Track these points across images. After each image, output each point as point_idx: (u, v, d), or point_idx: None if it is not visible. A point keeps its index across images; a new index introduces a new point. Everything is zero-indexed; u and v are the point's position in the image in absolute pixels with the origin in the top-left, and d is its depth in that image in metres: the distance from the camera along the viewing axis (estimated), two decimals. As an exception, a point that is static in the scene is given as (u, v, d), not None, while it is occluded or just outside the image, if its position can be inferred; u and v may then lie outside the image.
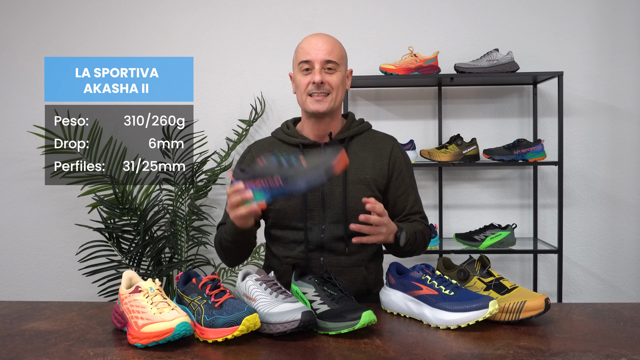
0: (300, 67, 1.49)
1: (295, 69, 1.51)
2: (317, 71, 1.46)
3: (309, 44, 1.49)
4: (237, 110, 2.79)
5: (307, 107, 1.48)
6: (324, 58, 1.46)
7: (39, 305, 1.40)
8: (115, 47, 2.82)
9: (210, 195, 2.77)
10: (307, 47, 1.49)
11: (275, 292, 1.19)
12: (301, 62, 1.48)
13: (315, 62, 1.46)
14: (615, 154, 2.71)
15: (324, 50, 1.47)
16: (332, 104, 1.48)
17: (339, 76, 1.49)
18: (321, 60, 1.46)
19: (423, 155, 2.55)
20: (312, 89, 1.47)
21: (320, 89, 1.46)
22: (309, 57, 1.47)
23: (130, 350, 1.06)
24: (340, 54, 1.50)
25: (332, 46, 1.48)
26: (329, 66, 1.47)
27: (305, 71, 1.48)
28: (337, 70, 1.48)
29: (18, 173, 2.82)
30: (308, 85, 1.47)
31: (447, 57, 2.70)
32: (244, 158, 1.59)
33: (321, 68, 1.46)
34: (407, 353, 1.03)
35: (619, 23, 2.70)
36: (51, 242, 2.83)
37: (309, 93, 1.48)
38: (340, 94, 1.50)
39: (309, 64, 1.47)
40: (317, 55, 1.46)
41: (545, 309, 1.18)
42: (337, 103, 1.51)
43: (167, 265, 2.46)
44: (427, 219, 1.59)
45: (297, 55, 1.51)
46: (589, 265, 2.74)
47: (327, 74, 1.47)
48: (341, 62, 1.50)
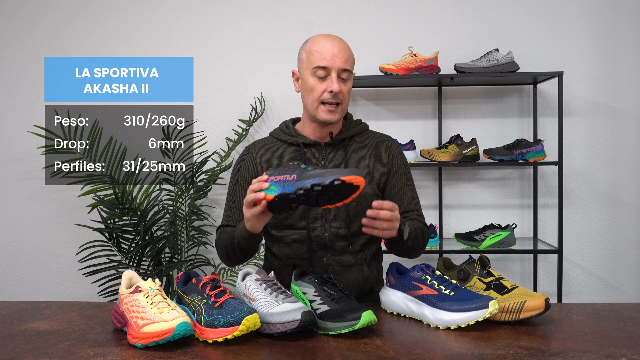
0: (315, 71, 1.45)
1: (307, 70, 1.47)
2: (335, 80, 1.44)
3: (325, 48, 1.45)
4: (237, 110, 2.79)
5: (319, 115, 1.47)
6: (342, 67, 1.44)
7: (39, 305, 1.40)
8: (115, 47, 2.82)
9: (210, 195, 2.77)
10: (323, 52, 1.44)
11: (275, 292, 1.19)
12: (317, 67, 1.45)
13: (333, 71, 1.44)
14: (615, 154, 2.71)
15: (341, 58, 1.44)
16: (342, 114, 1.49)
17: (350, 84, 1.49)
18: (338, 69, 1.44)
19: (423, 155, 2.55)
20: (327, 98, 1.45)
21: (335, 98, 1.45)
22: (326, 63, 1.44)
23: (130, 350, 1.06)
24: (353, 62, 1.49)
25: (348, 54, 1.46)
26: (344, 76, 1.46)
27: (320, 78, 1.45)
28: (350, 79, 1.48)
29: (18, 173, 2.82)
30: (323, 93, 1.45)
31: (447, 57, 2.70)
32: (243, 159, 1.58)
33: (337, 77, 1.44)
34: (407, 353, 1.03)
35: (619, 23, 2.70)
36: (51, 242, 2.83)
37: (322, 101, 1.46)
38: (348, 100, 1.51)
39: (326, 70, 1.44)
40: (335, 63, 1.44)
41: (545, 309, 1.18)
42: (345, 111, 1.51)
43: (167, 265, 2.46)
44: (424, 218, 1.57)
45: (309, 58, 1.47)
46: (589, 265, 2.74)
47: (342, 83, 1.45)
48: (352, 68, 1.49)
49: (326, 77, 1.45)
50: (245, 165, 1.56)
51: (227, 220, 1.54)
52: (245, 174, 1.54)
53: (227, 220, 1.54)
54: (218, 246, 1.54)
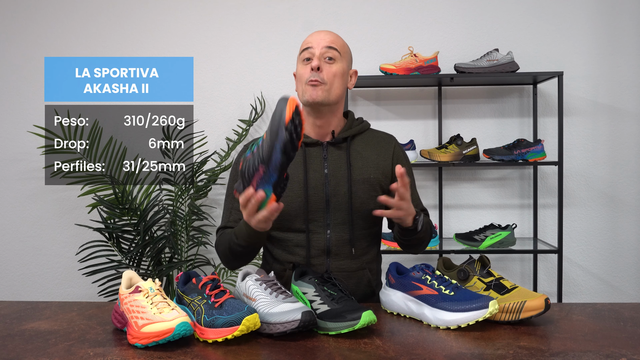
0: (302, 57, 1.46)
1: (298, 63, 1.48)
2: (316, 57, 1.43)
3: (312, 35, 1.48)
4: (237, 110, 2.79)
5: (305, 97, 1.44)
6: (325, 44, 1.44)
7: (39, 305, 1.39)
8: (115, 47, 2.82)
9: (210, 195, 2.77)
10: (309, 38, 1.47)
11: (275, 292, 1.19)
12: (302, 51, 1.46)
13: (316, 49, 1.44)
14: (615, 154, 2.71)
15: (325, 39, 1.45)
16: (326, 94, 1.43)
17: (338, 67, 1.44)
18: (322, 47, 1.44)
19: (423, 155, 2.55)
20: (309, 77, 1.42)
21: (316, 76, 1.42)
22: (310, 44, 1.45)
23: (130, 350, 1.06)
24: (342, 44, 1.48)
25: (334, 37, 1.47)
26: (330, 54, 1.44)
27: (306, 61, 1.45)
28: (338, 61, 1.45)
29: (18, 173, 2.82)
30: (308, 75, 1.43)
31: (447, 57, 2.70)
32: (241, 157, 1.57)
33: (321, 55, 1.44)
34: (407, 353, 1.03)
35: (619, 23, 2.70)
36: (51, 242, 2.83)
37: (306, 82, 1.43)
38: (338, 86, 1.45)
39: (309, 52, 1.44)
40: (319, 42, 1.45)
41: (545, 309, 1.18)
42: (333, 96, 1.44)
43: (167, 265, 2.46)
44: (429, 215, 1.58)
45: (300, 50, 1.49)
46: (589, 265, 2.74)
47: (327, 63, 1.44)
48: (343, 53, 1.46)
49: (311, 60, 1.44)
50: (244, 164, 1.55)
51: (227, 221, 1.50)
52: None
53: (227, 222, 1.50)
54: (218, 249, 1.49)
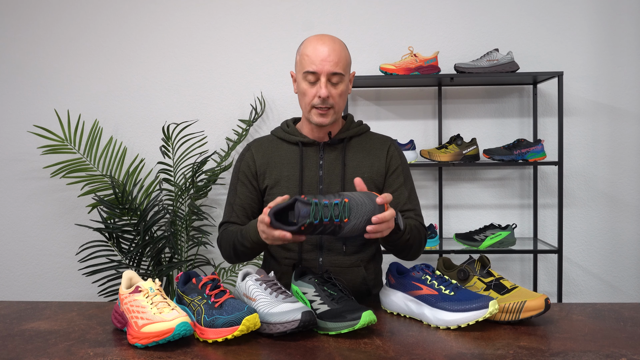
0: (305, 76, 1.45)
1: (299, 74, 1.47)
2: (324, 85, 1.42)
3: (315, 51, 1.43)
4: (237, 110, 2.79)
5: (311, 118, 1.47)
6: (331, 70, 1.42)
7: (39, 305, 1.40)
8: (115, 47, 2.82)
9: (210, 195, 2.78)
10: (312, 56, 1.43)
11: (275, 292, 1.19)
12: (306, 72, 1.44)
13: (322, 75, 1.42)
14: (615, 154, 2.72)
15: (330, 62, 1.42)
16: (335, 116, 1.48)
17: (343, 87, 1.46)
18: (327, 73, 1.42)
19: (423, 155, 2.55)
20: (317, 103, 1.44)
21: (325, 103, 1.44)
22: (315, 68, 1.42)
23: (130, 350, 1.06)
24: (346, 63, 1.46)
25: (338, 56, 1.43)
26: (335, 80, 1.44)
27: (310, 83, 1.45)
28: (342, 81, 1.46)
29: (18, 173, 2.82)
30: (313, 98, 1.44)
31: (447, 57, 2.70)
32: (243, 156, 1.59)
33: (327, 81, 1.43)
34: (407, 353, 1.03)
35: (619, 23, 2.70)
36: (51, 242, 2.83)
37: (313, 105, 1.45)
38: (343, 102, 1.49)
39: (315, 75, 1.43)
40: (324, 67, 1.42)
41: (545, 309, 1.18)
42: (340, 113, 1.50)
43: (167, 265, 2.46)
44: (422, 218, 1.54)
45: (301, 61, 1.46)
46: (589, 265, 2.74)
47: (333, 87, 1.44)
48: (346, 72, 1.47)
49: (316, 82, 1.44)
50: (245, 162, 1.57)
51: (229, 216, 1.56)
52: (246, 171, 1.56)
53: (229, 217, 1.55)
54: (221, 245, 1.54)
